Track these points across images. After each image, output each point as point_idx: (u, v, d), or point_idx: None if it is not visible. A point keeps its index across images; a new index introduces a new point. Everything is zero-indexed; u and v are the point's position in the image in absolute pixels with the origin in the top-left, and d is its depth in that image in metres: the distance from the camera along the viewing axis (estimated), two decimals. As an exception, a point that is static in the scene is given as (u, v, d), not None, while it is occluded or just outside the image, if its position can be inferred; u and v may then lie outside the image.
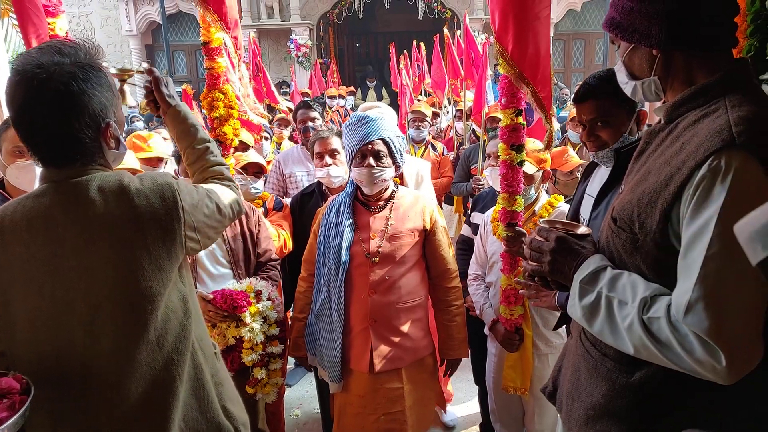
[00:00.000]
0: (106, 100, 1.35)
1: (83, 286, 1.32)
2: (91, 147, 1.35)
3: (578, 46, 15.41)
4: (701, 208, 1.06)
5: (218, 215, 1.56)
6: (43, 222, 1.32)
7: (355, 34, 19.03)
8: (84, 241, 1.31)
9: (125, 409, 1.36)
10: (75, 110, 1.29)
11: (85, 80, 1.30)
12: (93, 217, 1.32)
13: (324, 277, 2.44)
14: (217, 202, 1.56)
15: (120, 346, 1.34)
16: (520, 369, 2.57)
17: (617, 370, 1.29)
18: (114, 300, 1.33)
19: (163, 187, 1.40)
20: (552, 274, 1.35)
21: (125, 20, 14.95)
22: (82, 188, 1.33)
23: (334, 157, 3.04)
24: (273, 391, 2.56)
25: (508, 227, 2.43)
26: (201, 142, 1.73)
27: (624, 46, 1.31)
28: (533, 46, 2.21)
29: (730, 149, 1.05)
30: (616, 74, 1.40)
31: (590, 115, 1.90)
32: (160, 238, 1.37)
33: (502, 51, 2.21)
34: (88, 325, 1.32)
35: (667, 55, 1.23)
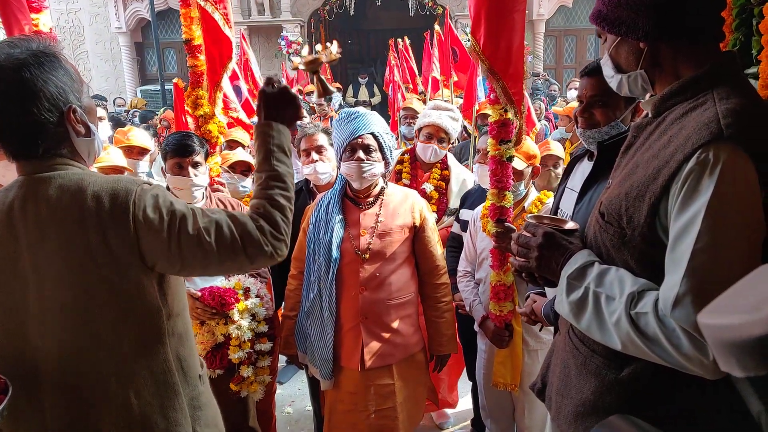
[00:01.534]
0: (64, 84, 1.32)
1: (35, 285, 1.30)
2: (55, 133, 1.32)
3: (569, 43, 15.44)
4: (689, 201, 1.05)
5: (196, 245, 1.34)
6: (5, 217, 1.31)
7: (346, 31, 18.98)
8: (37, 239, 1.29)
9: (76, 414, 1.33)
10: (30, 96, 1.27)
11: (37, 65, 1.28)
12: (45, 214, 1.29)
13: (314, 274, 2.43)
14: (202, 229, 1.34)
15: (68, 350, 1.31)
16: (510, 365, 2.57)
17: (606, 366, 1.29)
18: (60, 301, 1.30)
19: (119, 191, 1.31)
20: (539, 270, 1.34)
21: (114, 17, 14.82)
22: (43, 184, 1.31)
23: (321, 154, 3.02)
24: (260, 389, 2.54)
25: (498, 223, 2.43)
26: (263, 169, 1.49)
27: (611, 39, 1.30)
28: (505, 41, 2.20)
29: (718, 142, 1.05)
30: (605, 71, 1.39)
31: (592, 90, 1.89)
32: (106, 243, 1.29)
33: (475, 45, 2.20)
34: (40, 324, 1.31)
35: (654, 48, 1.22)
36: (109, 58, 15.51)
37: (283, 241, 1.43)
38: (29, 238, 1.29)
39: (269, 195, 1.45)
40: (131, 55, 15.28)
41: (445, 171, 3.33)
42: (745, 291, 0.63)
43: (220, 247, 1.34)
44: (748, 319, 0.57)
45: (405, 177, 3.41)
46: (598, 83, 1.88)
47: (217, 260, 1.36)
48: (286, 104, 1.53)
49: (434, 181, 3.30)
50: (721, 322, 0.60)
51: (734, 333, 0.58)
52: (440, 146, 3.31)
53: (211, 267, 1.39)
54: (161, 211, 1.33)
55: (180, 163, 2.52)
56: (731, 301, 0.63)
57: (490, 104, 2.40)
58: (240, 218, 1.39)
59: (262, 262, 1.41)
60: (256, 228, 1.38)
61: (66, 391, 1.32)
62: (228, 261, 1.37)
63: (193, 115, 2.76)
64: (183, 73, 15.60)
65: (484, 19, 2.16)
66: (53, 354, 1.31)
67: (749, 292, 0.62)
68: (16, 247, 1.30)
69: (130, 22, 14.92)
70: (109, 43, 15.39)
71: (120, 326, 1.34)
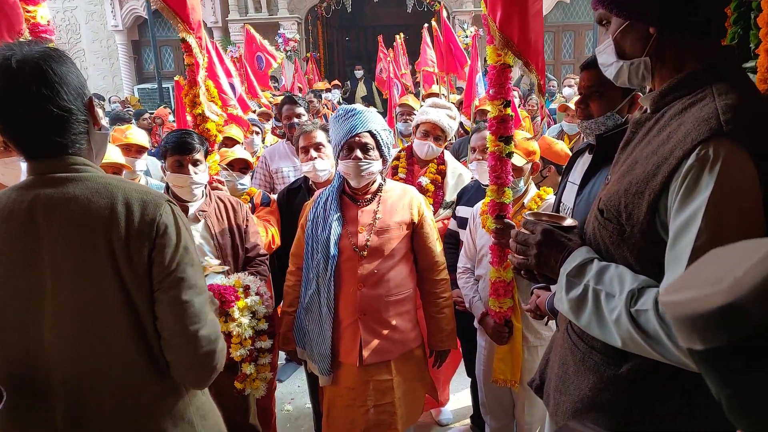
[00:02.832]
0: (80, 78, 1.34)
1: (53, 285, 1.28)
2: (82, 122, 1.33)
3: (568, 38, 15.43)
4: (689, 198, 1.05)
5: (180, 289, 1.34)
6: (24, 216, 1.29)
7: (344, 27, 18.97)
8: (61, 241, 1.28)
9: (83, 420, 1.32)
10: (59, 81, 1.27)
11: (57, 58, 1.29)
12: (71, 214, 1.28)
13: (313, 271, 2.43)
14: (195, 284, 1.36)
15: (80, 354, 1.30)
16: (509, 361, 2.57)
17: (605, 362, 1.28)
18: (75, 303, 1.29)
19: (148, 203, 1.32)
20: (538, 267, 1.33)
21: (111, 15, 14.79)
22: (68, 185, 1.30)
23: (319, 151, 3.03)
24: (262, 386, 2.54)
25: (497, 219, 2.42)
26: None
27: (617, 22, 1.27)
28: (534, 36, 2.25)
29: (718, 138, 1.04)
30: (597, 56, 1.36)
31: (589, 82, 1.90)
32: (126, 249, 1.29)
33: (507, 40, 2.22)
34: (55, 326, 1.29)
35: (661, 36, 1.20)
36: (105, 56, 15.48)
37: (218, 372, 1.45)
38: (52, 238, 1.28)
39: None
40: (128, 53, 15.25)
41: (441, 166, 3.34)
42: (702, 269, 0.65)
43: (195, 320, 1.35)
44: (709, 291, 0.59)
45: (401, 172, 3.41)
46: (595, 74, 1.88)
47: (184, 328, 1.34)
48: None
49: (430, 174, 3.30)
50: (683, 297, 0.62)
51: (696, 306, 0.59)
52: (437, 144, 3.31)
53: (173, 311, 1.35)
54: (177, 235, 1.34)
55: (180, 161, 2.51)
56: (690, 279, 0.65)
57: (490, 100, 2.39)
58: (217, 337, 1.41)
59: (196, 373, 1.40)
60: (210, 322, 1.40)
61: (77, 396, 1.31)
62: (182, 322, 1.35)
63: (192, 113, 2.75)
64: (180, 71, 15.55)
65: (517, 15, 2.20)
66: (65, 358, 1.30)
67: (707, 269, 0.64)
68: (35, 246, 1.28)
69: (127, 20, 14.89)
70: (105, 41, 15.36)
71: (131, 332, 1.33)
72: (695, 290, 0.61)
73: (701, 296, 0.59)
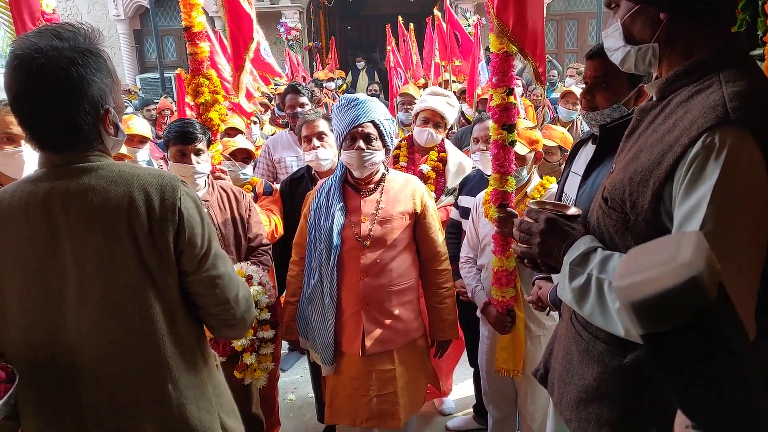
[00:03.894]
0: (106, 86, 1.32)
1: (75, 274, 1.29)
2: (89, 134, 1.32)
3: (571, 27, 15.31)
4: (694, 186, 1.03)
5: (216, 258, 1.43)
6: (41, 207, 1.29)
7: (346, 17, 18.86)
8: (78, 228, 1.29)
9: (111, 404, 1.34)
10: (74, 96, 1.27)
11: (84, 66, 1.27)
12: (90, 204, 1.29)
13: (315, 260, 2.42)
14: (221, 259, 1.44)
15: (106, 339, 1.31)
16: (512, 351, 2.56)
17: (609, 352, 1.28)
18: (101, 290, 1.30)
19: (166, 187, 1.34)
20: (542, 256, 1.32)
21: (112, 4, 14.71)
22: (83, 176, 1.30)
23: (322, 140, 3.02)
24: (263, 376, 2.55)
25: (500, 208, 2.41)
26: None
27: (627, 6, 1.24)
28: (532, 22, 2.22)
29: (724, 126, 1.02)
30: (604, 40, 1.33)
31: (594, 72, 1.87)
32: (150, 235, 1.32)
33: (503, 27, 2.20)
34: (78, 313, 1.30)
35: (672, 22, 1.18)
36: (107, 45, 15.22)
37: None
38: (72, 228, 1.29)
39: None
40: (130, 42, 15.18)
41: (442, 153, 3.33)
42: (639, 260, 0.66)
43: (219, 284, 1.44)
44: (666, 269, 0.60)
45: (402, 160, 3.40)
46: (601, 64, 1.86)
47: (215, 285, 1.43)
48: None
49: (432, 162, 3.29)
50: (641, 278, 0.62)
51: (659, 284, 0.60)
52: (436, 131, 3.29)
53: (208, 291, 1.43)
54: (197, 216, 1.38)
55: (182, 151, 2.50)
56: (639, 263, 0.65)
57: (492, 88, 2.37)
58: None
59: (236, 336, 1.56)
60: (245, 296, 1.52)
61: (103, 381, 1.33)
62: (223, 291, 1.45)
63: (195, 103, 2.74)
64: (182, 60, 15.51)
65: (512, 2, 2.17)
66: (91, 346, 1.31)
67: (645, 259, 0.65)
68: (54, 236, 1.29)
69: (129, 10, 14.82)
70: (107, 31, 15.25)
71: (157, 317, 1.35)
72: (649, 272, 0.62)
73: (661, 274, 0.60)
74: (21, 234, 1.30)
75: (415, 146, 3.42)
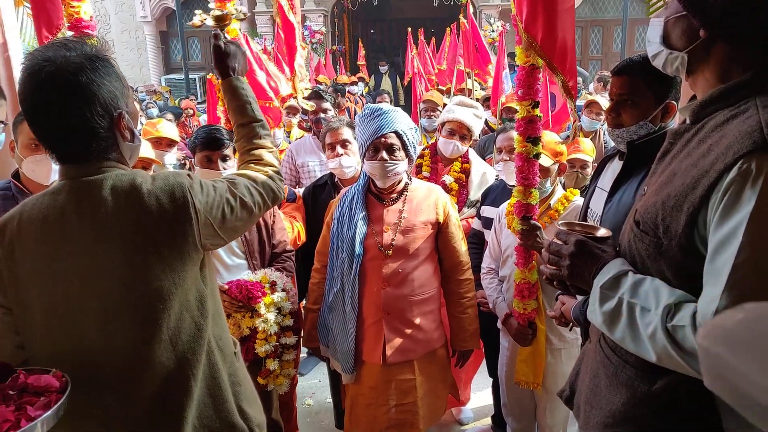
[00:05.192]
0: (116, 90, 1.35)
1: (96, 285, 1.32)
2: (105, 138, 1.34)
3: (596, 34, 15.18)
4: (730, 212, 1.02)
5: (242, 211, 1.51)
6: (57, 220, 1.32)
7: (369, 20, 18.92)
8: (95, 241, 1.31)
9: (139, 408, 1.36)
10: (85, 99, 1.29)
11: (93, 70, 1.30)
12: (104, 216, 1.32)
13: (337, 269, 2.44)
14: (241, 196, 1.51)
15: (133, 345, 1.34)
16: (532, 363, 2.55)
17: (638, 377, 1.25)
18: (125, 299, 1.33)
19: (174, 187, 1.37)
20: (571, 279, 1.30)
21: (140, 6, 14.97)
22: (96, 187, 1.33)
23: (346, 148, 3.03)
24: (285, 382, 2.56)
25: (523, 221, 2.40)
26: (248, 121, 1.69)
27: (675, 7, 1.21)
28: (561, 36, 2.20)
29: (761, 152, 1.00)
30: (650, 31, 1.29)
31: (620, 89, 1.87)
32: (170, 238, 1.35)
33: (531, 41, 2.18)
34: (101, 323, 1.33)
35: (710, 41, 1.15)
36: (134, 46, 15.67)
37: (283, 180, 1.69)
38: (87, 240, 1.32)
39: (263, 144, 1.70)
40: (156, 43, 15.42)
41: (465, 164, 3.32)
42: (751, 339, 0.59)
43: (255, 204, 1.54)
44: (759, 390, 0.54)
45: (425, 170, 3.40)
46: (627, 82, 1.85)
47: (254, 217, 1.56)
48: (242, 57, 1.76)
49: (455, 173, 3.29)
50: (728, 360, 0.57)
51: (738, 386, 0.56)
52: (462, 143, 3.29)
53: (249, 224, 1.60)
54: (210, 194, 1.44)
55: (209, 156, 2.54)
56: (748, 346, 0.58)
57: (519, 100, 2.37)
58: (253, 175, 1.60)
59: (276, 204, 1.67)
60: (268, 177, 1.62)
61: (129, 387, 1.35)
62: (259, 213, 1.58)
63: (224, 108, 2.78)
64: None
65: (541, 14, 2.15)
66: (117, 352, 1.34)
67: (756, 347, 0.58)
68: (71, 249, 1.32)
69: (156, 11, 15.05)
70: (134, 32, 15.54)
71: (179, 316, 1.38)
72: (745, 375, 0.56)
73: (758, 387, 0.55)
74: (40, 248, 1.33)
75: (438, 156, 3.41)
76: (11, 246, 1.35)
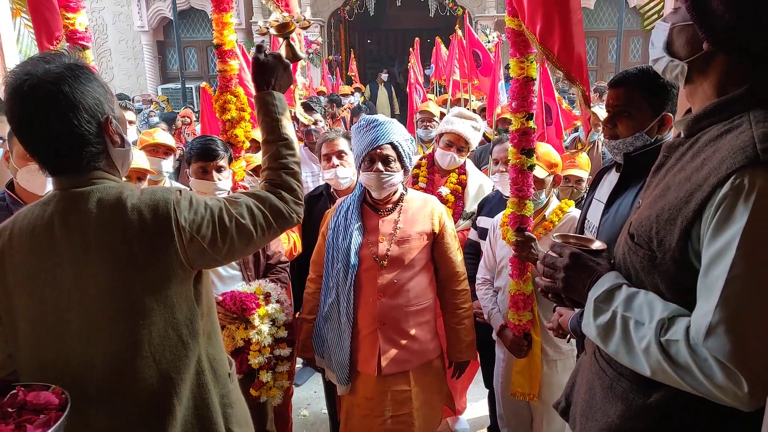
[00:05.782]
0: (100, 96, 1.35)
1: (78, 298, 1.32)
2: (95, 144, 1.34)
3: (591, 45, 15.28)
4: (723, 227, 1.02)
5: (238, 232, 1.42)
6: (45, 230, 1.33)
7: (366, 31, 19.02)
8: (79, 253, 1.31)
9: (122, 423, 1.35)
10: (70, 107, 1.29)
11: (74, 78, 1.30)
12: (88, 229, 1.31)
13: (332, 279, 2.44)
14: (238, 216, 1.42)
15: (113, 360, 1.33)
16: (528, 375, 2.55)
17: (633, 390, 1.25)
18: (105, 313, 1.32)
19: (159, 203, 1.35)
20: (566, 291, 1.30)
21: (137, 16, 15.02)
22: (83, 199, 1.33)
23: (342, 159, 3.04)
24: (279, 394, 2.55)
25: (518, 232, 2.41)
26: (273, 139, 1.61)
27: (682, 15, 1.19)
28: (577, 48, 2.21)
29: (754, 167, 1.01)
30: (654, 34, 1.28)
31: (616, 101, 1.89)
32: (152, 253, 1.33)
33: (548, 53, 2.19)
34: (84, 336, 1.32)
35: (712, 55, 1.15)
36: (131, 56, 15.71)
37: (301, 205, 1.58)
38: (72, 252, 1.31)
39: (283, 164, 1.59)
40: (153, 53, 15.46)
41: (462, 176, 3.32)
42: None
43: (256, 227, 1.45)
44: None
45: (422, 181, 3.40)
46: (624, 94, 1.86)
47: (256, 239, 1.47)
48: (282, 72, 1.66)
49: (451, 185, 3.29)
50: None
51: None
52: (459, 154, 3.28)
53: (250, 247, 1.50)
54: (199, 212, 1.39)
55: (204, 167, 2.54)
56: None
57: (513, 112, 2.38)
58: (261, 195, 1.51)
59: (287, 228, 1.57)
60: (279, 199, 1.52)
61: (111, 402, 1.34)
62: (263, 236, 1.49)
63: (221, 118, 2.80)
64: (203, 71, 15.76)
65: (558, 26, 2.15)
66: (99, 366, 1.33)
67: None
68: (58, 260, 1.32)
69: (153, 21, 15.11)
70: (131, 42, 15.58)
71: (163, 333, 1.36)
72: None
73: None
74: (28, 258, 1.33)
75: (435, 167, 3.42)
76: (2, 256, 1.35)
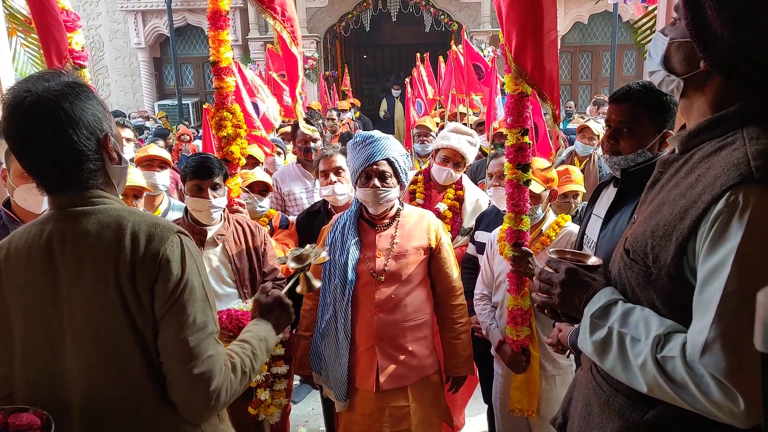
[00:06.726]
0: (99, 113, 1.35)
1: (69, 319, 1.31)
2: (94, 160, 1.34)
3: (585, 59, 15.44)
4: (718, 244, 1.02)
5: (188, 327, 1.31)
6: (42, 250, 1.32)
7: (362, 46, 19.13)
8: (74, 274, 1.30)
9: None
10: (70, 123, 1.29)
11: (74, 96, 1.30)
12: (84, 249, 1.30)
13: (330, 295, 2.43)
14: (196, 317, 1.32)
15: (95, 385, 1.32)
16: (527, 390, 2.54)
17: (630, 406, 1.25)
18: (90, 336, 1.30)
19: (155, 235, 1.31)
20: (562, 307, 1.30)
21: (134, 33, 15.11)
22: (83, 219, 1.32)
23: (339, 175, 3.05)
24: (277, 412, 2.54)
25: (515, 247, 2.41)
26: (250, 344, 1.53)
27: (681, 31, 1.18)
28: (549, 66, 2.24)
29: (748, 184, 1.01)
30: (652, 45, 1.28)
31: (619, 116, 1.87)
32: (132, 282, 1.30)
33: (521, 70, 2.22)
34: (73, 358, 1.31)
35: (709, 73, 1.15)
36: (128, 73, 15.79)
37: (221, 407, 1.39)
38: (67, 272, 1.30)
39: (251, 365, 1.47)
40: (149, 70, 15.55)
41: (459, 191, 3.33)
42: None
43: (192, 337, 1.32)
44: None
45: (419, 197, 3.40)
46: (627, 109, 1.86)
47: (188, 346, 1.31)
48: (280, 312, 1.65)
49: (448, 201, 3.29)
50: None
51: None
52: (456, 170, 3.29)
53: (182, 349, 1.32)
54: (182, 269, 1.32)
55: (199, 185, 2.54)
56: None
57: (508, 128, 2.39)
58: (233, 360, 1.41)
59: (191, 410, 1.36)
60: (225, 377, 1.36)
61: (95, 426, 1.32)
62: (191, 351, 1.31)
63: (217, 135, 2.81)
64: (200, 88, 15.84)
65: (530, 45, 2.19)
66: (83, 391, 1.31)
67: None
68: (53, 280, 1.31)
69: (149, 38, 15.20)
70: (128, 59, 15.67)
71: (143, 364, 1.33)
72: None
73: None
74: (23, 278, 1.32)
75: (431, 182, 3.42)
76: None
